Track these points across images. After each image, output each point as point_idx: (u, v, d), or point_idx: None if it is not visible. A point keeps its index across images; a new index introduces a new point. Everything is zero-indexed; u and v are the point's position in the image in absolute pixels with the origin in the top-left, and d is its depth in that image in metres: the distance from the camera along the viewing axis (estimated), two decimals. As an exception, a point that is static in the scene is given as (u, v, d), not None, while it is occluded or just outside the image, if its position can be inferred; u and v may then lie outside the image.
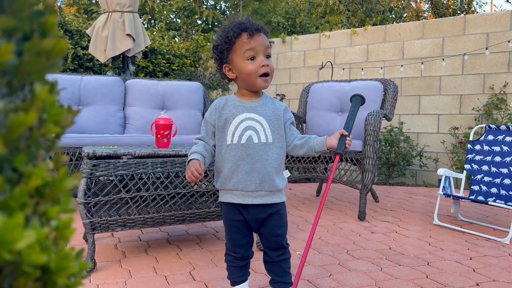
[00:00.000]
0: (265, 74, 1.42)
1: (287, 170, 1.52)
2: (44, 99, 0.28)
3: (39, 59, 0.28)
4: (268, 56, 1.44)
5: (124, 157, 2.06)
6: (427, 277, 1.94)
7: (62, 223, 0.29)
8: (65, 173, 0.30)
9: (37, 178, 0.27)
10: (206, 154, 1.45)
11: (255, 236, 1.57)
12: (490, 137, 3.08)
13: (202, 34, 7.94)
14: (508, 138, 2.97)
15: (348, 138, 1.51)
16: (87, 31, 4.83)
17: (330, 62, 5.75)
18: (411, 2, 10.41)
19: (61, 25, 5.19)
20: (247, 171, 1.42)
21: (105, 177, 2.01)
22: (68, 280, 0.28)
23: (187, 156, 2.21)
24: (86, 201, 1.92)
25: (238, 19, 1.45)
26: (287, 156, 2.00)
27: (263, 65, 1.40)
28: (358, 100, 1.63)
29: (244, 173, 1.42)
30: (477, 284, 1.86)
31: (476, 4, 9.36)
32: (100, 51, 4.62)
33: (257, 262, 1.96)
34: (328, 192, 4.28)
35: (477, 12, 9.01)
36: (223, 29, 1.45)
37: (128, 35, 4.58)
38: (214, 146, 1.50)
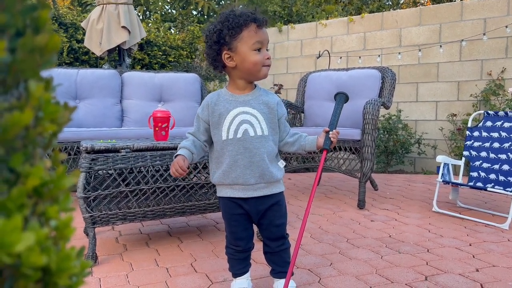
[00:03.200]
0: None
1: (281, 160, 1.52)
2: (39, 97, 0.27)
3: (33, 55, 0.27)
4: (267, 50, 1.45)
5: (122, 150, 2.05)
6: (427, 264, 1.95)
7: (61, 222, 0.28)
8: (63, 172, 0.29)
9: (35, 178, 0.26)
10: (195, 150, 1.46)
11: (255, 227, 1.57)
12: (489, 123, 3.08)
13: (198, 25, 7.88)
14: (506, 124, 2.97)
15: (331, 133, 1.51)
16: (82, 24, 4.79)
17: (327, 51, 5.72)
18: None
19: (55, 18, 5.14)
20: (246, 165, 1.41)
21: (104, 171, 2.01)
22: (69, 280, 0.28)
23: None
24: (85, 195, 1.92)
25: (243, 9, 1.43)
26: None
27: (268, 58, 1.42)
28: (342, 97, 1.63)
29: (243, 167, 1.41)
30: (477, 270, 1.88)
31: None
32: (96, 44, 4.59)
33: (258, 252, 1.97)
34: (328, 181, 4.28)
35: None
36: (228, 15, 1.40)
37: (123, 27, 4.55)
38: (205, 141, 1.50)
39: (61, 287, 0.27)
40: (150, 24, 7.24)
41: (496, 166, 2.94)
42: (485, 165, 3.01)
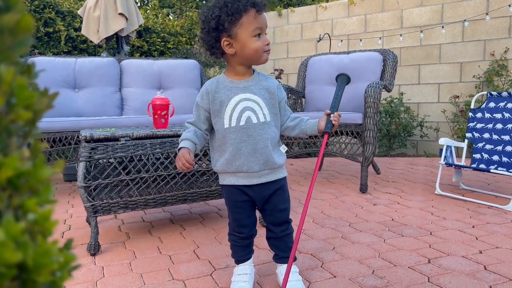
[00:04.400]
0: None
1: (283, 145, 1.50)
2: (10, 82, 0.25)
3: (2, 36, 0.25)
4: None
5: (122, 139, 2.04)
6: (430, 246, 1.95)
7: (40, 215, 0.27)
8: (42, 162, 0.27)
9: (8, 168, 0.24)
10: (197, 140, 1.42)
11: (257, 213, 1.56)
12: (492, 105, 3.04)
13: (197, 10, 7.78)
14: (509, 105, 2.94)
15: (333, 115, 1.47)
16: (79, 12, 4.73)
17: (328, 34, 5.64)
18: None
19: (52, 6, 5.08)
20: (250, 152, 1.40)
21: (104, 160, 2.00)
22: (51, 276, 0.27)
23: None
24: (86, 185, 1.91)
25: None
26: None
27: (267, 43, 1.39)
28: (343, 79, 1.60)
29: (247, 155, 1.40)
30: (480, 252, 1.87)
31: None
32: (93, 31, 4.54)
33: (260, 238, 1.97)
34: (330, 165, 4.27)
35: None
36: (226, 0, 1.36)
37: (120, 14, 4.49)
38: (207, 130, 1.47)
39: (41, 284, 0.26)
40: (148, 11, 7.15)
41: (499, 148, 2.92)
42: (488, 146, 2.98)
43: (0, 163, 0.24)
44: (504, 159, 2.87)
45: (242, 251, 1.55)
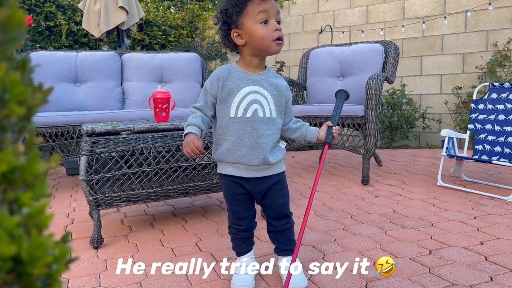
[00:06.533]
0: (278, 38, 1.38)
1: (282, 140, 1.52)
2: (3, 77, 0.26)
3: (-6, 32, 0.25)
4: (278, 22, 1.40)
5: (123, 132, 2.04)
6: (431, 238, 1.95)
7: (35, 209, 0.27)
8: (36, 156, 0.28)
9: (2, 163, 0.25)
10: (204, 126, 1.40)
11: (258, 206, 1.56)
12: (494, 96, 3.03)
13: (197, 3, 7.75)
14: (512, 96, 2.92)
15: (334, 128, 1.52)
16: (79, 5, 4.72)
17: (330, 26, 5.61)
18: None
19: (52, 0, 5.07)
20: (252, 145, 1.39)
21: (106, 154, 2.01)
22: (47, 269, 0.27)
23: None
24: (88, 179, 1.92)
25: None
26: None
27: (276, 29, 1.37)
28: (342, 95, 1.67)
29: (248, 147, 1.39)
30: (482, 243, 1.87)
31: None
32: (94, 25, 4.53)
33: (262, 230, 1.98)
34: (332, 158, 4.27)
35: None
36: None
37: (121, 7, 4.48)
38: (212, 116, 1.45)
39: (36, 276, 0.26)
40: (148, 4, 7.12)
41: (501, 139, 2.91)
42: (490, 137, 2.98)
43: (-6, 158, 0.25)
44: (506, 150, 2.86)
45: (242, 243, 1.56)
